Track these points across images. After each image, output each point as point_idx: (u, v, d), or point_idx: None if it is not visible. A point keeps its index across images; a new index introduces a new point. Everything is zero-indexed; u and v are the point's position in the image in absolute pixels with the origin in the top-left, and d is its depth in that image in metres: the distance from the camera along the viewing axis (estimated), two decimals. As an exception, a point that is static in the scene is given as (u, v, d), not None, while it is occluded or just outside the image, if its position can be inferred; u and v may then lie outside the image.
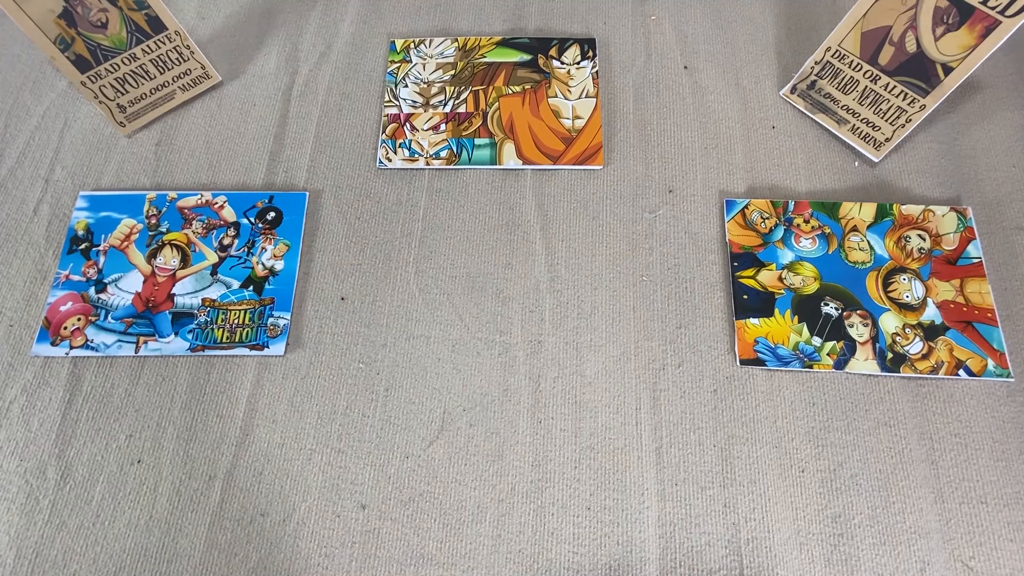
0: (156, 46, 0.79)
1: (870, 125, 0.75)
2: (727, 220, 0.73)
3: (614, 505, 0.62)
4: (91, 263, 0.72)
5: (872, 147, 0.74)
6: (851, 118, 0.74)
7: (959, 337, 0.67)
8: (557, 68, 0.82)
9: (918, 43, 0.68)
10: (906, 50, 0.69)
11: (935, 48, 0.67)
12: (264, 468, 0.63)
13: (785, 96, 0.79)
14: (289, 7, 0.92)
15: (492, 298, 0.71)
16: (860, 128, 0.75)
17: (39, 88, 0.85)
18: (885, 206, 0.74)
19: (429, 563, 0.60)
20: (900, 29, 0.69)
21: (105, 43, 0.77)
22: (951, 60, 0.66)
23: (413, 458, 0.64)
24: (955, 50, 0.66)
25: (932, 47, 0.67)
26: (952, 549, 0.59)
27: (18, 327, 0.70)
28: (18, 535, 0.61)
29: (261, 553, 0.60)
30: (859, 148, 0.74)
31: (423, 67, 0.83)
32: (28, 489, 0.62)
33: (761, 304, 0.69)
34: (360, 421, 0.65)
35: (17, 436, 0.65)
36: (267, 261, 0.72)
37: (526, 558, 0.60)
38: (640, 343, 0.69)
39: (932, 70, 0.68)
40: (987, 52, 0.64)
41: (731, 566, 0.59)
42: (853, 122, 0.72)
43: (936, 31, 0.66)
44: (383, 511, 0.62)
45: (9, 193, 0.78)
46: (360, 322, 0.70)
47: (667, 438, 0.64)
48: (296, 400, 0.66)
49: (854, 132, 0.74)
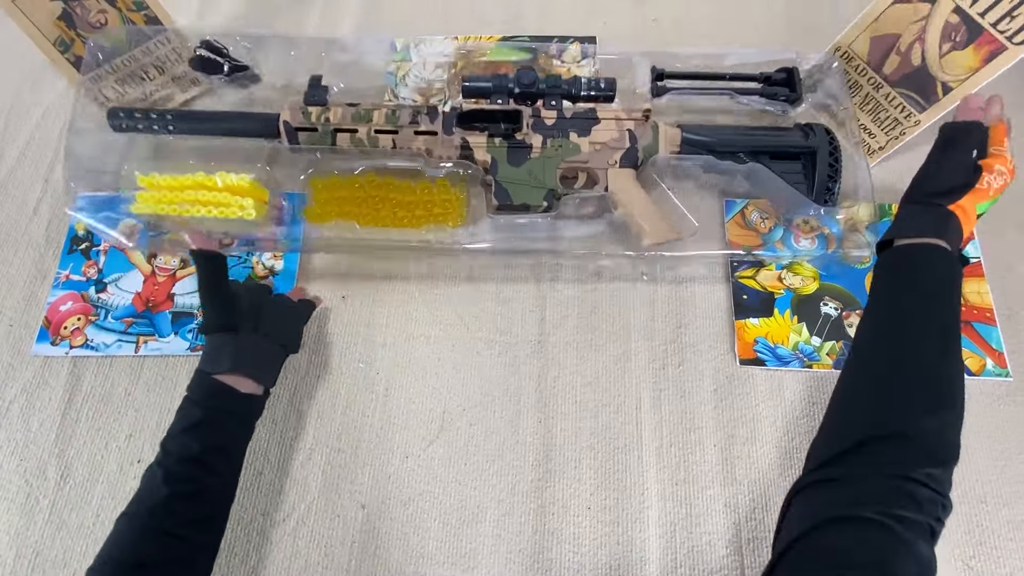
0: (156, 47, 0.79)
1: (866, 131, 0.76)
2: (727, 220, 0.73)
3: (614, 505, 0.62)
4: (91, 263, 0.72)
5: (866, 153, 0.74)
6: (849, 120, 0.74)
7: (958, 337, 0.67)
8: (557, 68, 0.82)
9: (923, 57, 0.68)
10: (911, 62, 0.69)
11: (939, 65, 0.67)
12: (264, 468, 0.63)
13: None
14: (289, 7, 0.92)
15: (492, 298, 0.71)
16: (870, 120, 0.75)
17: (39, 88, 0.85)
18: (884, 206, 0.74)
19: (429, 563, 0.60)
20: (908, 40, 0.69)
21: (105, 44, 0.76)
22: (952, 80, 0.67)
23: (413, 458, 0.64)
24: (958, 70, 0.66)
25: (936, 64, 0.67)
26: (952, 549, 0.59)
27: (18, 327, 0.70)
28: (18, 535, 0.61)
29: (261, 553, 0.60)
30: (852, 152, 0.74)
31: (423, 66, 0.83)
32: (28, 489, 0.62)
33: (761, 304, 0.70)
34: (360, 421, 0.65)
35: (17, 436, 0.65)
36: (267, 261, 0.72)
37: (526, 558, 0.60)
38: (640, 343, 0.69)
39: (932, 87, 0.68)
40: (988, 77, 0.64)
41: (731, 566, 0.60)
42: (850, 125, 0.72)
43: (943, 47, 0.66)
44: (383, 511, 0.62)
45: (9, 193, 0.78)
46: (360, 322, 0.70)
47: (667, 438, 0.64)
48: (296, 400, 0.66)
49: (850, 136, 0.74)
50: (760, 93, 0.75)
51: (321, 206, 0.70)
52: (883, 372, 0.49)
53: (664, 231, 0.67)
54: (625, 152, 0.69)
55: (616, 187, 0.68)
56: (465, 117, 0.68)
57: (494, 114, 0.68)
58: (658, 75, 0.75)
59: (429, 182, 0.71)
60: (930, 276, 0.53)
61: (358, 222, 0.69)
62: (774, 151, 0.70)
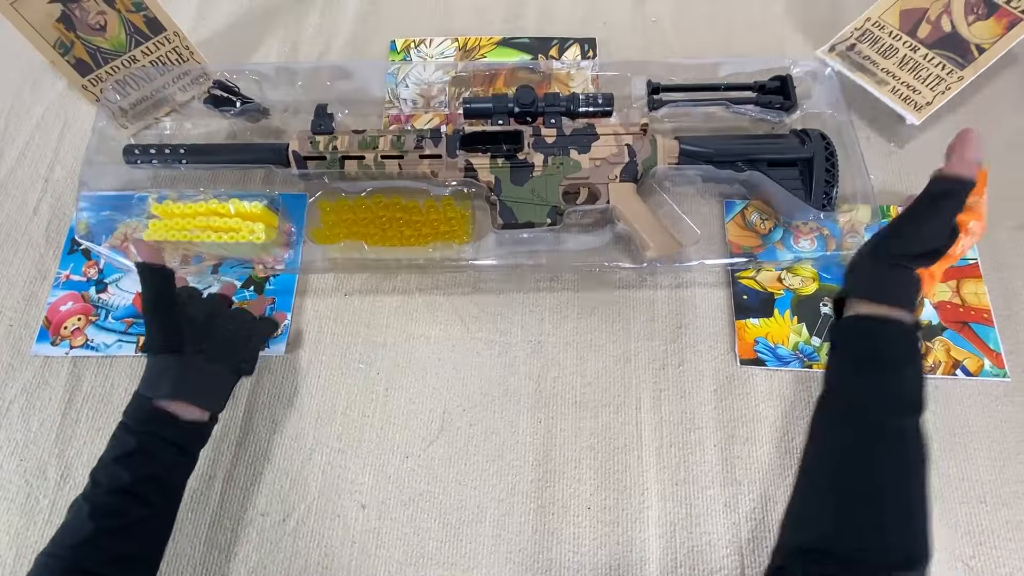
0: (155, 47, 0.79)
1: (910, 88, 0.76)
2: (727, 221, 0.74)
3: (614, 505, 0.62)
4: (91, 263, 0.72)
5: (913, 109, 0.74)
6: (891, 80, 0.75)
7: (956, 337, 0.68)
8: (557, 68, 0.82)
9: (952, 25, 0.74)
10: (942, 29, 0.75)
11: (968, 32, 0.73)
12: (264, 468, 0.64)
13: (822, 55, 0.79)
14: (289, 7, 0.92)
15: (492, 299, 0.71)
16: (900, 90, 0.75)
17: (39, 88, 0.85)
18: (883, 208, 0.74)
19: (429, 563, 0.60)
20: (936, 11, 0.74)
21: (105, 46, 0.77)
22: (983, 42, 0.72)
23: (413, 458, 0.64)
24: (986, 35, 0.72)
25: (965, 30, 0.73)
26: (952, 549, 0.59)
27: (18, 327, 0.70)
28: (18, 535, 0.61)
29: (261, 553, 0.60)
30: (900, 110, 0.74)
31: (423, 67, 0.83)
32: (28, 489, 0.62)
33: (760, 304, 0.70)
34: (360, 421, 0.66)
35: (17, 436, 0.65)
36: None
37: (526, 558, 0.60)
38: (640, 343, 0.69)
39: (967, 48, 0.73)
40: (1014, 41, 0.71)
41: (732, 566, 0.60)
42: (893, 84, 0.74)
43: (968, 18, 0.72)
44: (383, 511, 0.62)
45: (9, 193, 0.78)
46: (360, 322, 0.70)
47: (667, 438, 0.65)
48: (296, 400, 0.66)
49: (894, 93, 0.75)
50: (755, 102, 0.75)
51: (329, 228, 0.72)
52: (845, 487, 0.46)
53: (667, 244, 0.67)
54: (625, 166, 0.70)
55: (617, 201, 0.69)
56: (468, 139, 0.69)
57: (496, 135, 0.69)
58: (654, 88, 0.76)
59: (435, 200, 0.72)
60: (895, 367, 0.48)
61: (366, 242, 0.70)
62: (771, 159, 0.70)
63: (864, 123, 0.80)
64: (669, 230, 0.69)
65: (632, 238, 0.69)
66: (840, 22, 0.75)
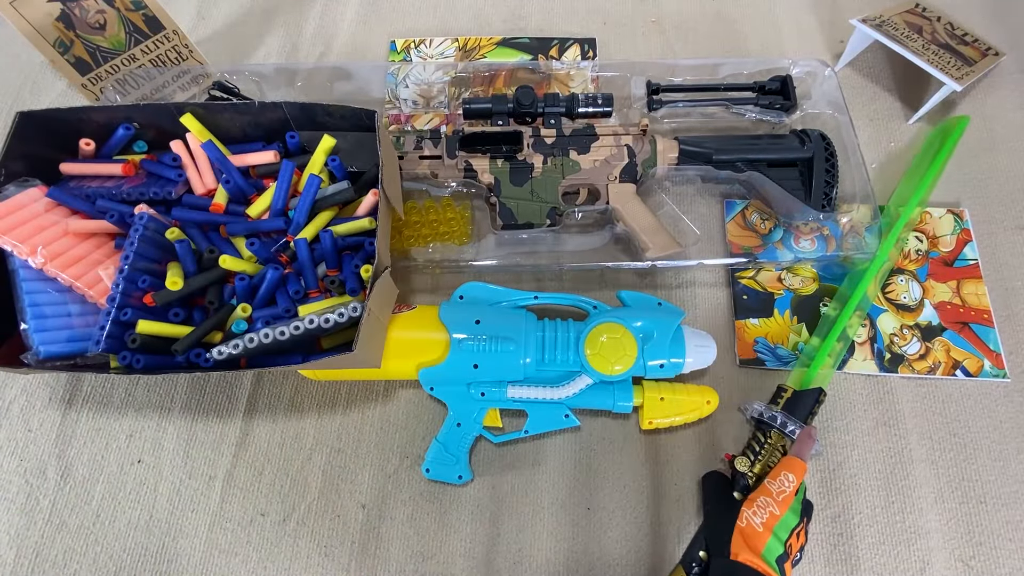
0: (155, 46, 0.79)
1: (952, 52, 0.77)
2: (727, 221, 0.74)
3: (613, 505, 0.62)
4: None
5: (954, 76, 0.74)
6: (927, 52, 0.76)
7: (956, 338, 0.68)
8: (557, 68, 0.82)
9: None
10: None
11: None
12: (264, 468, 0.64)
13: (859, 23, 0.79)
14: (289, 6, 0.92)
15: (492, 298, 0.71)
16: (939, 61, 0.76)
17: (39, 88, 0.85)
18: (882, 208, 0.74)
19: (429, 563, 0.60)
20: None
21: (104, 44, 0.76)
22: None
23: (413, 458, 0.64)
24: None
25: None
26: (952, 549, 0.59)
27: (18, 327, 0.70)
28: (18, 535, 0.61)
29: (261, 553, 0.60)
30: (941, 76, 0.74)
31: (423, 68, 0.83)
32: (28, 489, 0.62)
33: (760, 304, 0.70)
34: (360, 421, 0.66)
35: (17, 436, 0.65)
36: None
37: (525, 557, 0.60)
38: (640, 343, 0.69)
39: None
40: None
41: (731, 566, 0.60)
42: (929, 55, 0.75)
43: None
44: (383, 511, 0.62)
45: (9, 193, 0.78)
46: (360, 322, 0.70)
47: (667, 437, 0.65)
48: (296, 400, 0.66)
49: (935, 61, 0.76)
50: (755, 103, 0.75)
51: None
52: None
53: (666, 244, 0.67)
54: (624, 167, 0.70)
55: (617, 202, 0.69)
56: (467, 140, 0.69)
57: (495, 136, 0.69)
58: (654, 89, 0.76)
59: (434, 201, 0.72)
60: None
61: None
62: (771, 159, 0.70)
63: (864, 123, 0.80)
64: (669, 230, 0.69)
65: (632, 239, 0.69)
66: (840, 22, 0.75)
